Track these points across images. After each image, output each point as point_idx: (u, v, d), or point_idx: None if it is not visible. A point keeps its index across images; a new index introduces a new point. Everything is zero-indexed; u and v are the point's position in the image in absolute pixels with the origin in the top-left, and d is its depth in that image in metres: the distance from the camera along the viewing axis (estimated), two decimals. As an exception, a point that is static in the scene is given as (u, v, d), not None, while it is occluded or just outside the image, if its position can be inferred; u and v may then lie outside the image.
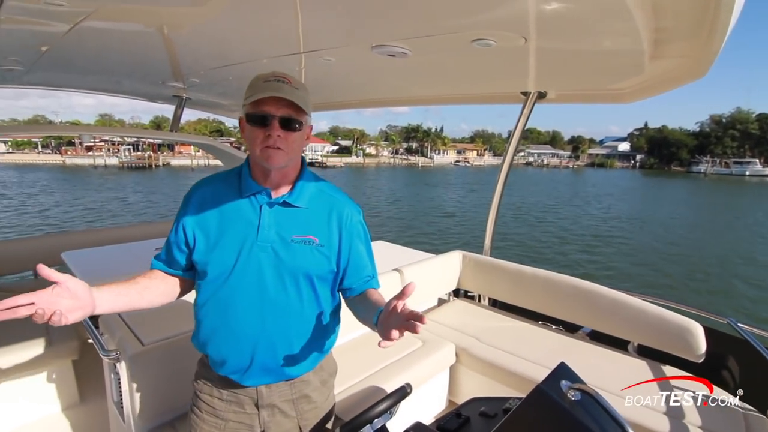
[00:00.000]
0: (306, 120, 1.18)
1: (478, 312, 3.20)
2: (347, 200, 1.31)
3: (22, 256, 3.58)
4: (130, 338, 1.76)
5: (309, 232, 1.21)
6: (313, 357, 1.30)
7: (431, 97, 3.02)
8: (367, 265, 1.33)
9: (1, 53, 2.16)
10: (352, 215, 1.29)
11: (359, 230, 1.31)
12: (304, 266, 1.20)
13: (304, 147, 1.25)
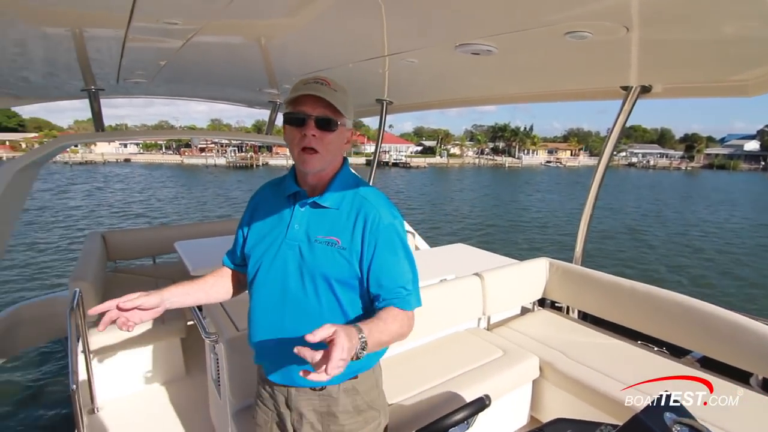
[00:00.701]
0: (344, 122, 1.18)
1: (566, 324, 2.98)
2: (380, 204, 1.22)
3: (144, 244, 4.12)
4: (228, 323, 1.92)
5: (333, 233, 1.19)
6: None
7: (517, 95, 2.87)
8: (394, 278, 1.19)
9: (129, 68, 2.49)
10: (381, 220, 1.19)
11: (388, 237, 1.19)
12: (323, 267, 1.17)
13: (344, 150, 1.24)
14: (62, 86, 3.06)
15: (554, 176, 59.16)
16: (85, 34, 1.74)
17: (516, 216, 23.99)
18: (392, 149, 74.34)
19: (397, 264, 1.21)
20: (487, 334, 2.77)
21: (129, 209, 24.37)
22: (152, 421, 2.50)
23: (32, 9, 1.41)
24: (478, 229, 19.93)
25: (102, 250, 3.61)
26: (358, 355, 0.95)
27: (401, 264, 1.21)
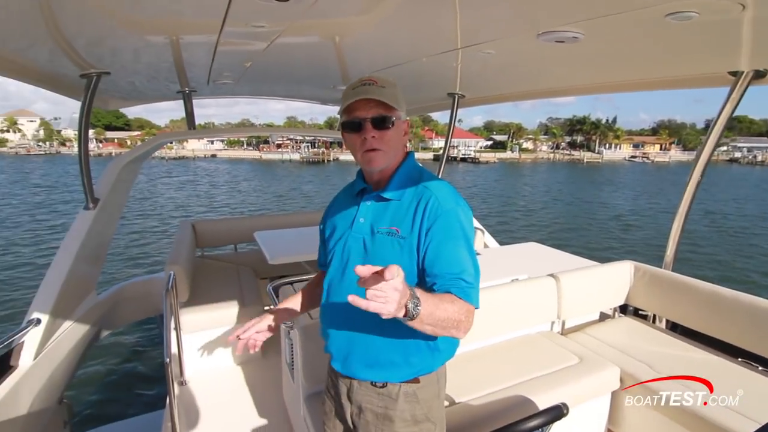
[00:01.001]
0: (399, 116, 1.19)
1: (652, 335, 2.73)
2: (442, 191, 1.19)
3: (226, 233, 4.44)
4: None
5: (393, 223, 1.18)
6: (397, 367, 1.21)
7: (604, 84, 2.65)
8: (450, 265, 1.12)
9: (218, 70, 2.69)
10: (440, 205, 1.15)
11: (446, 222, 1.14)
12: (384, 258, 1.15)
13: (404, 142, 1.26)
14: (161, 89, 3.39)
15: (640, 172, 54.36)
16: (183, 40, 1.91)
17: (593, 215, 22.42)
18: (461, 144, 72.91)
19: (455, 251, 1.13)
20: (562, 338, 2.62)
21: (214, 200, 26.51)
22: (231, 396, 2.70)
23: (137, 21, 1.58)
24: (550, 228, 18.94)
25: (192, 238, 3.95)
26: (410, 312, 0.93)
27: (459, 252, 1.13)
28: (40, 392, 2.24)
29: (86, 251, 2.64)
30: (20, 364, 2.19)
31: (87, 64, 2.17)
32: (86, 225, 2.60)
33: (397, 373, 1.21)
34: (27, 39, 1.72)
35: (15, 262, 12.59)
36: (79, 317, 2.78)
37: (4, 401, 1.97)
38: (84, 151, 2.56)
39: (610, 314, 3.11)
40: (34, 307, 2.37)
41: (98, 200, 2.69)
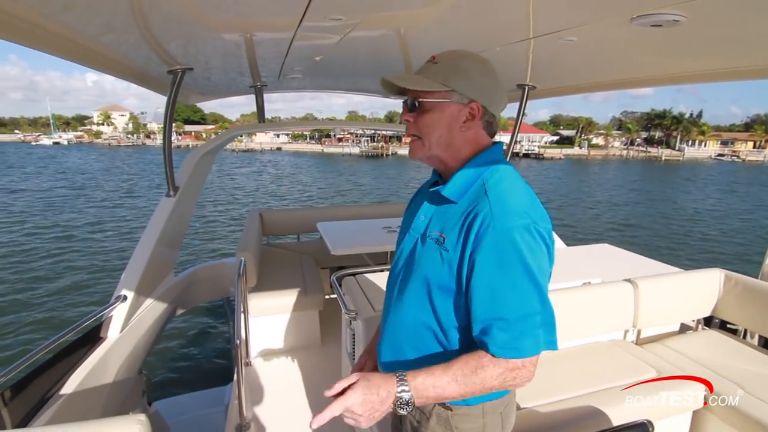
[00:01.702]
0: (446, 96, 1.00)
1: (744, 352, 2.45)
2: (503, 200, 0.94)
3: (291, 222, 4.63)
4: (365, 303, 2.05)
5: (444, 229, 1.01)
6: None
7: (702, 72, 2.35)
8: (491, 305, 0.90)
9: (290, 65, 2.76)
10: (493, 220, 0.90)
11: (496, 245, 0.89)
12: (423, 266, 1.03)
13: (462, 129, 1.03)
14: (236, 84, 3.56)
15: (728, 172, 49.07)
16: (260, 36, 1.97)
17: (672, 219, 20.61)
18: (524, 139, 70.10)
19: (503, 286, 0.89)
20: (637, 349, 2.43)
21: (278, 191, 27.75)
22: (292, 380, 2.81)
23: (220, 20, 1.65)
24: (620, 229, 17.69)
25: (259, 226, 4.15)
26: (400, 407, 0.87)
27: (508, 287, 0.89)
28: (124, 362, 2.44)
29: (167, 235, 2.84)
30: (109, 336, 2.40)
31: (174, 60, 2.32)
32: (167, 211, 2.79)
33: None
34: (122, 38, 1.87)
35: (104, 240, 14.03)
36: (159, 296, 3.01)
37: (95, 369, 2.15)
38: (168, 143, 2.75)
39: (692, 326, 2.84)
40: (121, 285, 2.59)
41: (178, 188, 2.89)
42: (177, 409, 3.44)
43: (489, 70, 1.04)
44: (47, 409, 1.82)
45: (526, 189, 0.99)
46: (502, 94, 1.07)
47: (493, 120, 1.08)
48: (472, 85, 1.01)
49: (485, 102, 1.03)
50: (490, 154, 1.06)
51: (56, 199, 22.75)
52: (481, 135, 1.07)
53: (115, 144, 79.79)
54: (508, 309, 0.89)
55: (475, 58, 1.04)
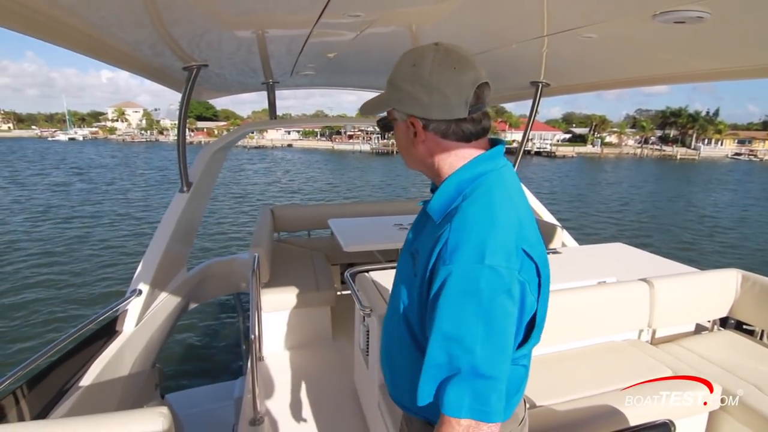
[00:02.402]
0: (392, 115, 0.94)
1: (761, 353, 2.41)
2: (463, 234, 0.80)
3: (302, 218, 4.64)
4: (379, 299, 2.04)
5: (419, 248, 0.92)
6: (414, 405, 0.89)
7: (724, 70, 2.30)
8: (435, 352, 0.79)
9: (304, 61, 2.77)
10: (453, 252, 0.79)
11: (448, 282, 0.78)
12: (400, 281, 0.99)
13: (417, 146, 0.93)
14: (248, 80, 3.58)
15: (744, 172, 48.08)
16: (276, 33, 1.98)
17: (687, 219, 20.28)
18: (536, 137, 69.37)
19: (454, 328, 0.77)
20: (652, 348, 2.41)
21: (289, 187, 27.92)
22: (304, 375, 2.82)
23: (237, 17, 1.66)
24: (633, 229, 17.45)
25: (271, 222, 4.18)
26: None
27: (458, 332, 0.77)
28: (139, 356, 2.48)
29: (180, 230, 2.87)
30: (124, 329, 2.44)
31: (189, 57, 2.34)
32: (181, 206, 2.82)
33: (408, 406, 1.04)
34: (138, 34, 1.90)
35: (119, 231, 14.26)
36: (172, 290, 3.05)
37: (111, 362, 2.19)
38: (182, 139, 2.78)
39: (708, 326, 2.80)
40: (136, 279, 2.63)
41: (191, 184, 2.92)
42: (188, 402, 3.49)
43: (421, 70, 0.86)
44: (65, 401, 1.85)
45: (502, 215, 0.83)
46: (444, 95, 0.85)
47: (450, 126, 0.89)
48: (402, 97, 0.89)
49: (420, 112, 0.88)
50: (478, 164, 0.91)
51: (72, 194, 23.18)
52: (447, 147, 0.91)
53: (129, 140, 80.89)
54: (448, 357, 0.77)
55: (408, 60, 0.89)
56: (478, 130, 0.91)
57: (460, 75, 0.84)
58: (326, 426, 2.34)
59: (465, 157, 0.91)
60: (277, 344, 3.12)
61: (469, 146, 0.92)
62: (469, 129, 0.89)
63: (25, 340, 7.20)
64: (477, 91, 0.86)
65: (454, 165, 0.92)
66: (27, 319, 7.98)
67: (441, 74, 0.84)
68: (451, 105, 0.86)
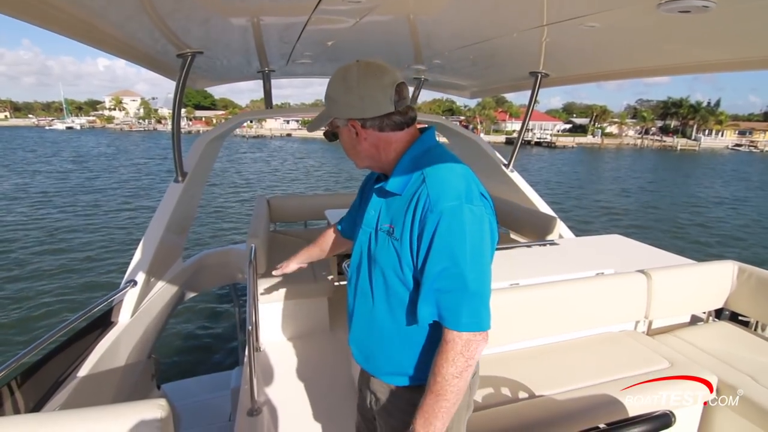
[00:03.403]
0: (335, 124, 1.16)
1: (756, 344, 2.42)
2: (442, 183, 1.01)
3: (298, 209, 4.61)
4: None
5: (391, 221, 1.09)
6: (403, 376, 1.14)
7: (727, 62, 2.26)
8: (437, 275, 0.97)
9: (300, 50, 2.73)
10: (434, 204, 0.98)
11: (437, 224, 0.97)
12: (381, 258, 1.10)
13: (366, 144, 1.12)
14: (243, 69, 3.54)
15: (745, 163, 48.02)
16: (273, 20, 1.94)
17: (685, 211, 20.29)
18: (536, 127, 69.06)
19: (444, 263, 0.97)
20: (648, 339, 2.42)
21: (287, 177, 27.83)
22: (301, 366, 2.83)
23: (232, 3, 1.62)
24: (631, 220, 17.45)
25: (267, 213, 4.15)
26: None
27: (448, 265, 0.96)
28: (135, 346, 2.47)
29: (175, 221, 2.84)
30: (120, 320, 2.42)
31: (183, 44, 2.30)
32: (176, 196, 2.79)
33: (388, 375, 1.18)
34: (132, 20, 1.86)
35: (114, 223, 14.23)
36: (168, 281, 3.04)
37: (107, 353, 2.18)
38: (177, 128, 2.74)
39: (703, 318, 2.82)
40: (131, 269, 2.61)
41: (186, 174, 2.88)
42: (184, 392, 3.50)
43: (350, 82, 1.07)
44: (61, 392, 1.84)
45: (461, 171, 1.05)
46: (372, 97, 1.06)
47: (384, 120, 1.08)
48: (340, 107, 1.10)
49: (356, 114, 1.08)
50: (418, 144, 1.12)
51: (69, 182, 23.09)
52: (387, 138, 1.11)
53: (127, 129, 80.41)
54: (454, 281, 0.96)
55: (338, 77, 1.10)
56: (407, 119, 1.11)
57: (381, 79, 1.05)
58: (324, 416, 2.35)
59: (404, 141, 1.12)
60: (275, 335, 3.12)
61: (404, 133, 1.12)
62: (400, 119, 1.10)
63: (19, 331, 7.20)
64: (397, 89, 1.06)
65: (398, 149, 1.12)
66: (21, 310, 7.96)
67: (366, 81, 1.05)
68: (380, 103, 1.06)
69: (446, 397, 0.96)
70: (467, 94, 4.69)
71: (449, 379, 0.95)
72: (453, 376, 0.95)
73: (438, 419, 0.97)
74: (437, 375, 0.97)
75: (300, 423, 2.29)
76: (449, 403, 0.97)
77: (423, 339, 1.09)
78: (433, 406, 0.97)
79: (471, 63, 3.09)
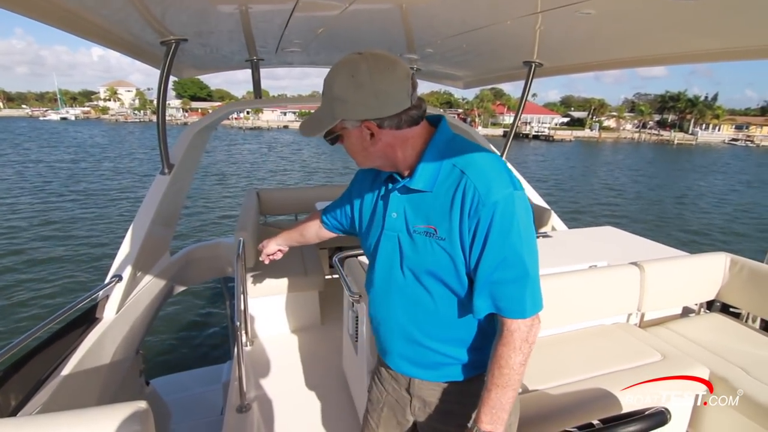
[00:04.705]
0: (342, 126, 1.01)
1: (747, 336, 2.42)
2: (485, 174, 0.96)
3: (288, 201, 4.53)
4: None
5: (430, 221, 1.01)
6: (460, 367, 1.11)
7: (726, 51, 2.18)
8: (497, 267, 0.95)
9: (289, 38, 2.66)
10: (483, 196, 0.93)
11: (493, 216, 0.93)
12: (426, 262, 1.02)
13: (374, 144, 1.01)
14: (231, 57, 3.45)
15: (740, 157, 48.15)
16: (259, 6, 1.88)
17: (681, 204, 20.36)
18: (534, 120, 68.96)
19: (503, 253, 0.94)
20: (641, 332, 2.40)
21: (281, 169, 27.71)
22: (291, 361, 2.79)
23: None
24: (633, 216, 17.48)
25: (257, 205, 4.08)
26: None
27: (507, 255, 0.94)
28: (121, 343, 2.40)
29: (162, 214, 2.77)
30: (105, 316, 2.36)
31: (167, 31, 2.24)
32: (162, 189, 2.71)
33: (446, 374, 1.13)
34: (113, 5, 1.80)
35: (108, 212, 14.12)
36: (155, 275, 2.97)
37: (91, 350, 2.11)
38: (162, 118, 2.63)
39: (695, 309, 2.82)
40: (116, 264, 2.54)
41: (173, 166, 2.81)
42: (175, 386, 3.46)
43: (361, 78, 0.94)
44: (44, 392, 1.78)
45: (496, 159, 1.01)
46: (389, 94, 0.96)
47: (401, 117, 0.99)
48: (349, 107, 0.97)
49: (372, 114, 0.97)
50: (438, 136, 1.04)
51: (59, 173, 22.89)
52: (403, 135, 1.02)
53: (122, 120, 79.65)
54: (514, 271, 0.95)
55: (343, 73, 0.96)
56: (421, 112, 1.02)
57: (395, 72, 0.95)
58: (315, 412, 2.32)
59: (420, 135, 1.04)
60: (265, 329, 3.08)
61: (419, 127, 1.04)
62: (416, 114, 1.01)
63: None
64: (412, 81, 0.98)
65: (416, 145, 1.04)
66: (1, 305, 7.79)
67: (380, 76, 0.94)
68: (398, 100, 0.96)
69: (513, 387, 0.96)
70: (460, 84, 4.62)
71: (517, 368, 0.95)
72: (520, 364, 0.96)
73: (505, 411, 0.97)
74: (503, 367, 0.95)
75: (291, 419, 2.27)
76: (515, 392, 0.97)
77: (474, 331, 1.08)
78: (500, 399, 0.96)
79: (464, 52, 3.03)
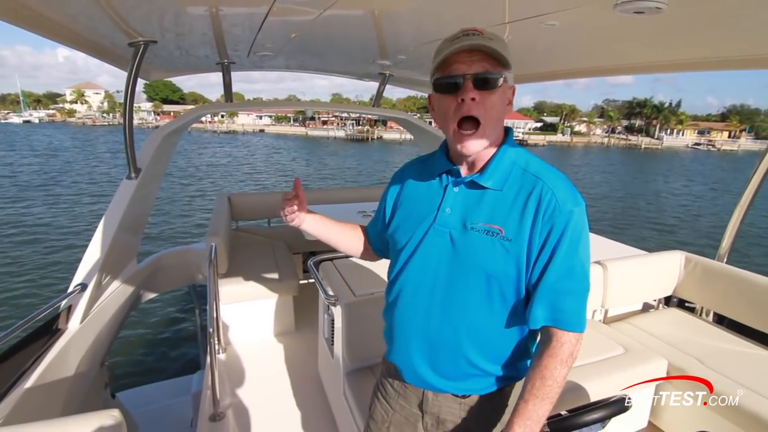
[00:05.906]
0: (507, 77, 0.95)
1: (700, 328, 2.57)
2: (559, 184, 0.96)
3: (261, 206, 4.42)
4: (344, 288, 2.00)
5: (494, 220, 0.97)
6: (488, 379, 1.05)
7: (682, 62, 2.32)
8: (562, 277, 0.94)
9: (261, 42, 2.65)
10: (561, 205, 0.93)
11: (566, 228, 0.93)
12: (482, 262, 0.97)
13: (506, 114, 1.00)
14: (202, 60, 3.39)
15: (701, 161, 50.39)
16: (232, 9, 1.87)
17: (645, 205, 21.15)
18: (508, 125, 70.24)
19: (571, 263, 0.94)
20: (605, 327, 2.51)
21: (256, 173, 27.27)
22: (266, 367, 2.76)
23: None
24: (596, 216, 18.04)
25: (228, 210, 3.99)
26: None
27: (575, 265, 0.95)
28: (85, 354, 2.31)
29: (128, 219, 2.68)
30: (69, 327, 2.25)
31: (135, 32, 2.20)
32: (128, 194, 2.63)
33: (476, 386, 1.07)
34: (78, 5, 1.77)
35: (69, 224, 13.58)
36: (121, 284, 2.87)
37: (54, 363, 2.01)
38: (128, 121, 2.54)
39: (654, 305, 2.96)
40: (80, 273, 2.43)
41: (140, 170, 2.72)
42: (142, 399, 3.34)
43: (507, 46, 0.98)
44: (2, 405, 1.69)
45: (563, 174, 1.03)
46: None
47: None
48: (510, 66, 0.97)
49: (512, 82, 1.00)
50: (511, 139, 1.05)
51: (20, 177, 21.92)
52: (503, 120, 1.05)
53: (90, 123, 76.95)
54: (573, 286, 0.95)
55: (498, 36, 0.97)
56: None
57: None
58: (291, 418, 2.31)
59: (505, 131, 1.06)
60: (238, 336, 3.03)
61: None
62: None
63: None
64: None
65: (503, 137, 1.05)
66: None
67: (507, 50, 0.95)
68: None
69: (551, 400, 0.93)
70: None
71: (560, 381, 0.93)
72: (563, 378, 0.93)
73: (539, 424, 0.92)
74: (547, 378, 0.92)
75: (266, 425, 2.24)
76: (551, 407, 0.93)
77: (514, 343, 1.04)
78: (537, 410, 0.91)
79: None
